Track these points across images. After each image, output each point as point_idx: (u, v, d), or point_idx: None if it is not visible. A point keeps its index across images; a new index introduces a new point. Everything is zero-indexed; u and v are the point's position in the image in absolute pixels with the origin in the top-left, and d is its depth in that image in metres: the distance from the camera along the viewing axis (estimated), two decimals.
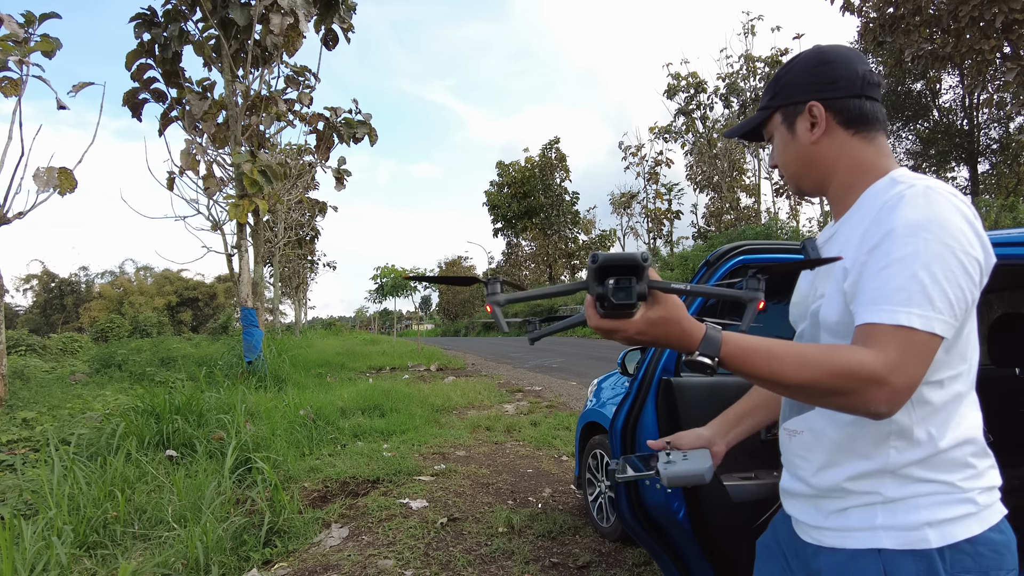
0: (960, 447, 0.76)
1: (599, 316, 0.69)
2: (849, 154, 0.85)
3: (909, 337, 0.68)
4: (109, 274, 40.24)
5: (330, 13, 9.11)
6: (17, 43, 6.25)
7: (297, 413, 5.08)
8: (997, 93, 16.79)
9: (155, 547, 2.67)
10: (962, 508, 0.75)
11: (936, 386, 0.76)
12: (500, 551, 2.72)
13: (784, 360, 0.69)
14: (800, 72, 0.88)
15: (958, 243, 0.71)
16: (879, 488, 0.77)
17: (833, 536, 0.81)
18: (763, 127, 0.94)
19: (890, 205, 0.75)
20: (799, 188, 0.92)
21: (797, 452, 0.88)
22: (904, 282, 0.70)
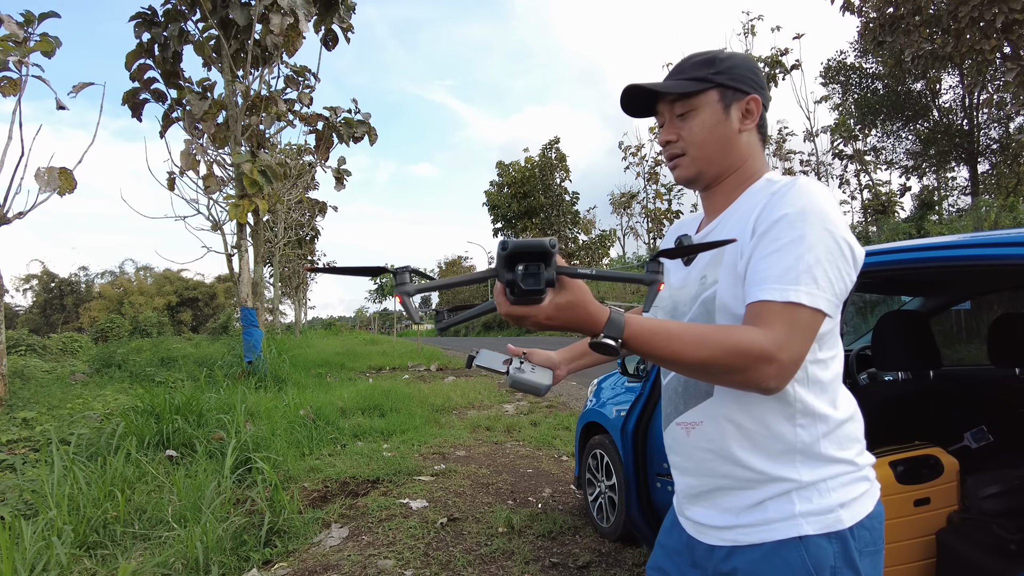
0: (851, 422, 0.84)
1: (509, 303, 0.69)
2: (753, 153, 0.92)
3: (795, 314, 0.73)
4: (109, 274, 40.25)
5: (330, 13, 9.11)
6: (17, 43, 6.25)
7: (297, 413, 5.07)
8: (997, 93, 16.79)
9: (155, 547, 2.67)
10: (862, 486, 0.82)
11: (824, 364, 0.82)
12: (500, 551, 2.72)
13: (683, 340, 0.72)
14: (743, 66, 0.91)
15: (837, 229, 0.77)
16: (791, 472, 0.80)
17: (750, 532, 0.82)
18: (688, 98, 0.90)
19: (779, 195, 0.81)
20: (701, 172, 0.92)
21: (698, 445, 0.88)
22: (792, 263, 0.75)
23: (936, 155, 20.72)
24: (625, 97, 0.93)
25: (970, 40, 11.25)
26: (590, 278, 0.72)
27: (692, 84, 0.90)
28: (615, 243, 36.66)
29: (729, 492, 0.85)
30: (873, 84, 21.83)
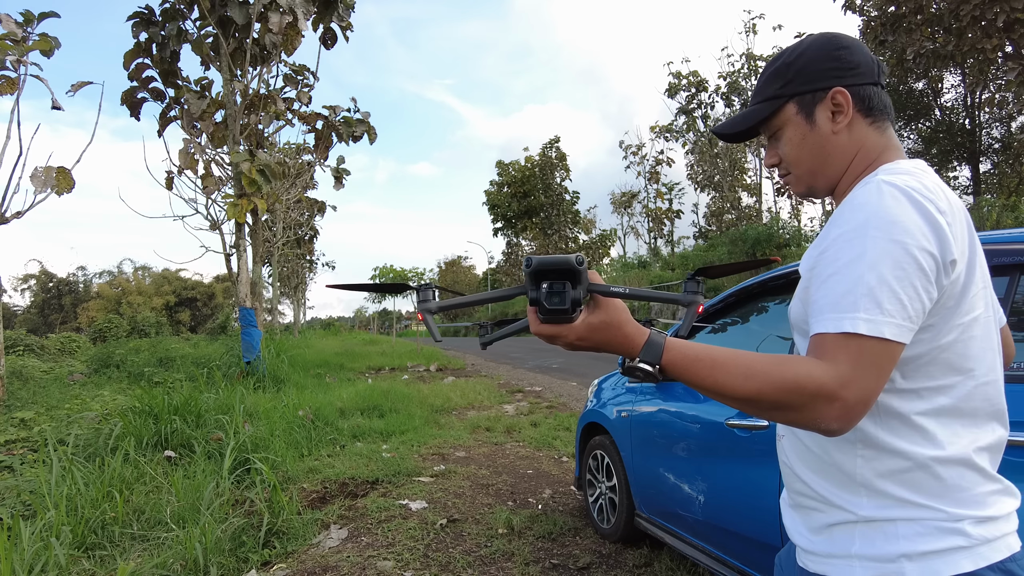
0: (946, 466, 0.69)
1: (539, 322, 0.66)
2: (865, 146, 0.80)
3: (860, 345, 0.63)
4: (107, 274, 40.24)
5: (328, 11, 9.09)
6: (15, 42, 6.23)
7: (296, 414, 5.06)
8: (999, 92, 16.78)
9: (153, 548, 2.66)
10: (948, 540, 0.67)
11: (908, 395, 0.70)
12: (500, 552, 2.71)
13: (729, 370, 0.65)
14: (816, 57, 0.80)
15: (911, 239, 0.65)
16: (854, 504, 0.72)
17: (815, 562, 0.77)
18: (767, 122, 0.84)
19: (846, 204, 0.72)
20: (811, 187, 0.85)
21: (782, 458, 0.86)
22: (850, 286, 0.65)
23: (938, 154, 20.71)
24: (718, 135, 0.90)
25: (972, 39, 11.24)
26: (624, 297, 0.69)
27: (763, 109, 0.83)
28: (616, 243, 36.66)
29: (806, 509, 0.80)
30: None
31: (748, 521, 1.89)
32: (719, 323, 2.41)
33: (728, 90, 25.75)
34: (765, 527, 1.78)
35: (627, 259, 33.32)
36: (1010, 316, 1.38)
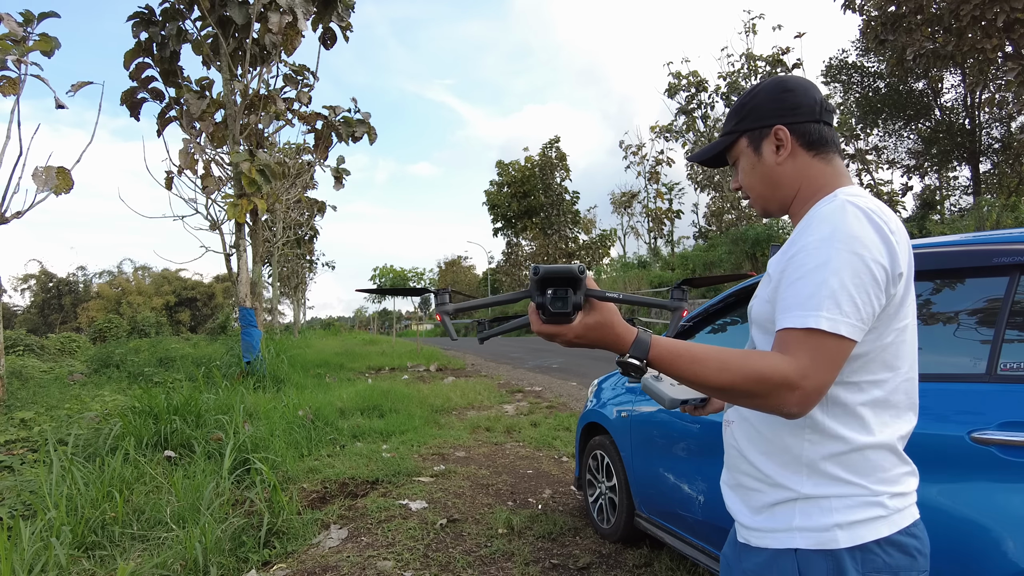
0: (875, 450, 0.82)
1: (541, 322, 0.75)
2: (809, 174, 0.91)
3: (819, 341, 0.74)
4: (107, 274, 40.23)
5: (328, 11, 9.09)
6: (16, 42, 6.23)
7: (296, 414, 5.06)
8: (999, 92, 16.78)
9: (153, 548, 2.66)
10: (871, 511, 0.81)
11: (852, 388, 0.82)
12: (500, 552, 2.71)
13: (707, 364, 0.74)
14: (764, 99, 0.94)
15: (868, 252, 0.77)
16: (797, 483, 0.83)
17: (758, 536, 0.87)
18: (728, 152, 0.99)
19: (812, 218, 0.83)
20: (765, 208, 0.98)
21: (730, 442, 0.95)
22: (815, 289, 0.76)
23: (938, 154, 20.70)
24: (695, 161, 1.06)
25: (972, 39, 11.24)
26: (618, 302, 0.77)
27: (722, 141, 0.98)
28: (615, 243, 36.66)
29: (749, 490, 0.90)
30: (875, 83, 21.82)
31: None
32: (719, 323, 2.42)
33: (728, 90, 25.75)
34: None
35: (627, 259, 33.31)
36: (1010, 316, 1.38)
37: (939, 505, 1.35)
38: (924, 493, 1.38)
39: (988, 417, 1.30)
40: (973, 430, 1.31)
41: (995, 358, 1.36)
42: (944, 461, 1.36)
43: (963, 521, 1.30)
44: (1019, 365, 1.32)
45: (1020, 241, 1.41)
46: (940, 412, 1.42)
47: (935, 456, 1.38)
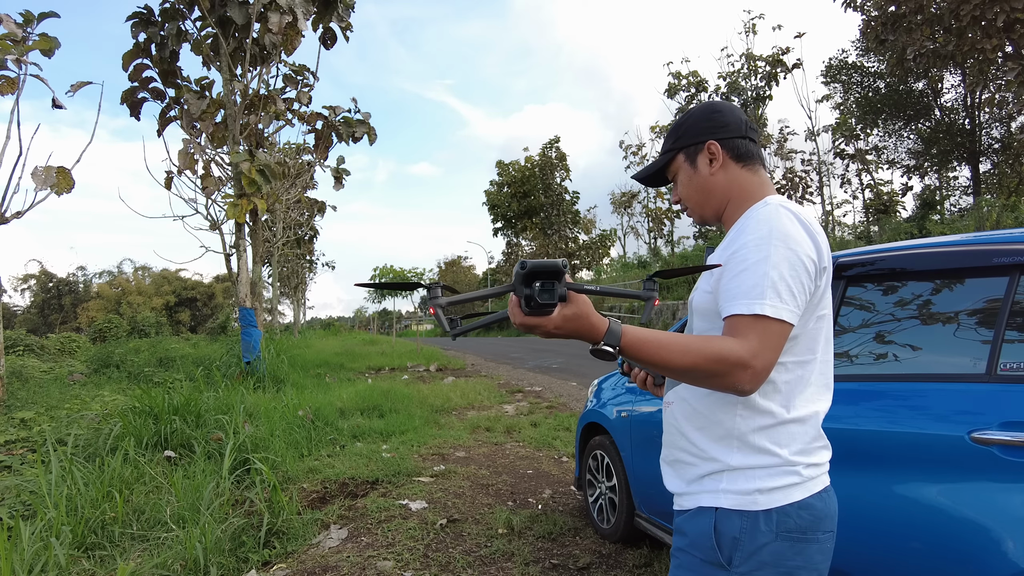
0: (797, 424, 0.93)
1: (524, 314, 0.79)
2: (739, 184, 1.03)
3: (765, 325, 0.84)
4: (107, 274, 40.20)
5: (328, 11, 9.08)
6: (15, 42, 6.23)
7: (296, 414, 5.06)
8: (999, 92, 16.77)
9: (153, 548, 2.66)
10: (788, 479, 0.91)
11: (779, 367, 0.92)
12: (500, 552, 2.71)
13: (671, 349, 0.82)
14: (697, 120, 1.06)
15: (800, 247, 0.89)
16: (727, 455, 0.93)
17: (690, 499, 0.98)
18: (667, 169, 1.10)
19: (749, 219, 0.94)
20: (702, 216, 1.08)
21: (670, 420, 1.05)
22: (758, 280, 0.86)
23: (938, 154, 20.70)
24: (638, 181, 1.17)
25: (972, 39, 11.24)
26: (595, 293, 0.85)
27: (662, 159, 1.10)
28: (616, 243, 36.64)
29: (684, 464, 1.00)
30: (875, 83, 21.82)
31: None
32: None
33: (728, 90, 25.74)
34: None
35: (627, 259, 33.31)
36: (1010, 316, 1.38)
37: (939, 505, 1.35)
38: (925, 493, 1.38)
39: (988, 417, 1.30)
40: (973, 430, 1.31)
41: (995, 358, 1.36)
42: (944, 461, 1.36)
43: (963, 521, 1.30)
44: (1019, 365, 1.32)
45: (1020, 241, 1.41)
46: (940, 412, 1.42)
47: (935, 456, 1.38)
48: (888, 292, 1.74)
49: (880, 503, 1.46)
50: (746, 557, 0.89)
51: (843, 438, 1.59)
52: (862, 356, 1.71)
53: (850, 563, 1.53)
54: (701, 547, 0.93)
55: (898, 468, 1.45)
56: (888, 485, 1.45)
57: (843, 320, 1.78)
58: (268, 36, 8.26)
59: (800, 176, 26.55)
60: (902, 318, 1.66)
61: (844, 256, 1.84)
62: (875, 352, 1.67)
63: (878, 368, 1.65)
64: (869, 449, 1.52)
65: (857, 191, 26.25)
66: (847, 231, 24.28)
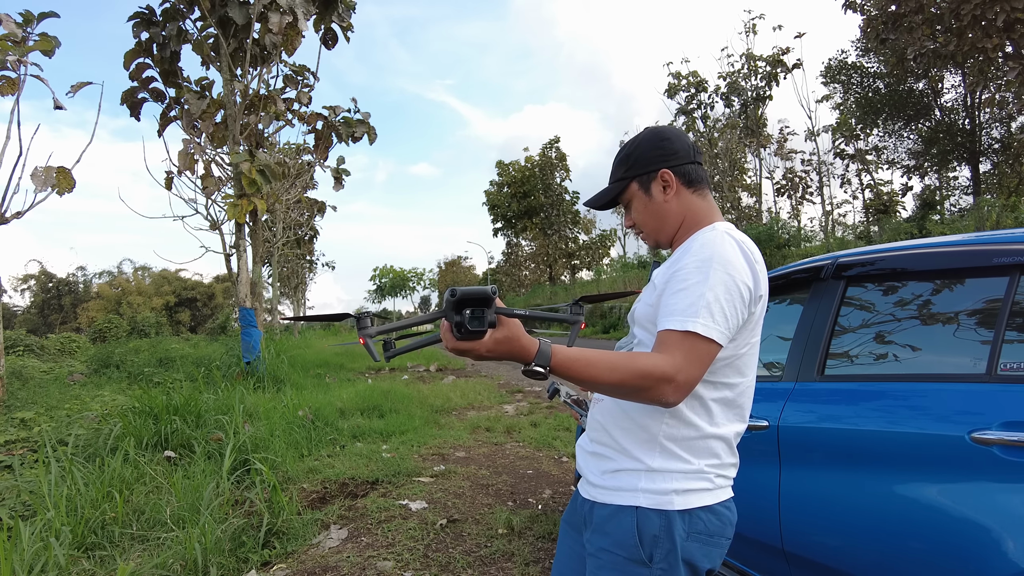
0: (717, 440, 1.00)
1: (455, 339, 0.82)
2: (691, 208, 1.08)
3: (693, 343, 0.89)
4: (107, 274, 40.21)
5: (329, 12, 9.09)
6: (15, 42, 6.23)
7: (296, 414, 5.06)
8: (999, 92, 16.77)
9: (153, 548, 2.66)
10: (701, 483, 0.98)
11: (709, 385, 0.98)
12: (500, 553, 2.71)
13: (599, 367, 0.86)
14: (647, 148, 1.09)
15: (738, 274, 0.94)
16: (648, 457, 0.99)
17: (605, 494, 1.03)
18: (619, 197, 1.14)
19: (695, 243, 1.00)
20: (657, 240, 1.13)
21: (596, 416, 1.10)
22: (694, 299, 0.91)
23: (938, 154, 20.70)
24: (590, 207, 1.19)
25: (972, 39, 11.24)
26: (523, 318, 0.89)
27: (615, 188, 1.14)
28: (616, 243, 36.64)
29: (603, 457, 1.06)
30: (874, 83, 21.82)
31: (748, 521, 1.88)
32: None
33: (728, 90, 25.74)
34: (765, 527, 1.78)
35: (627, 259, 33.30)
36: (1010, 316, 1.38)
37: (939, 505, 1.35)
38: (925, 493, 1.38)
39: (988, 417, 1.30)
40: (973, 430, 1.30)
41: (995, 358, 1.36)
42: (944, 461, 1.36)
43: (963, 521, 1.30)
44: (1019, 365, 1.32)
45: (1020, 241, 1.41)
46: (940, 412, 1.42)
47: (935, 456, 1.38)
48: (888, 292, 1.73)
49: (880, 503, 1.46)
50: (664, 555, 0.95)
51: (843, 438, 1.59)
52: (862, 356, 1.70)
53: (850, 563, 1.53)
54: (625, 545, 0.97)
55: (898, 468, 1.45)
56: (888, 485, 1.45)
57: (843, 320, 1.78)
58: (268, 36, 8.27)
59: (800, 176, 26.55)
60: (902, 318, 1.65)
61: (844, 256, 1.84)
62: (875, 352, 1.67)
63: (878, 368, 1.65)
64: (869, 449, 1.52)
65: (857, 191, 26.26)
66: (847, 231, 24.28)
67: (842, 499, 1.55)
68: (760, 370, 2.17)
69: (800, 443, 1.71)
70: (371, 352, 0.86)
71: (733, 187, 26.83)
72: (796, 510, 1.69)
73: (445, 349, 0.84)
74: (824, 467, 1.63)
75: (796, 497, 1.69)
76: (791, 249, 17.97)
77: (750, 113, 24.97)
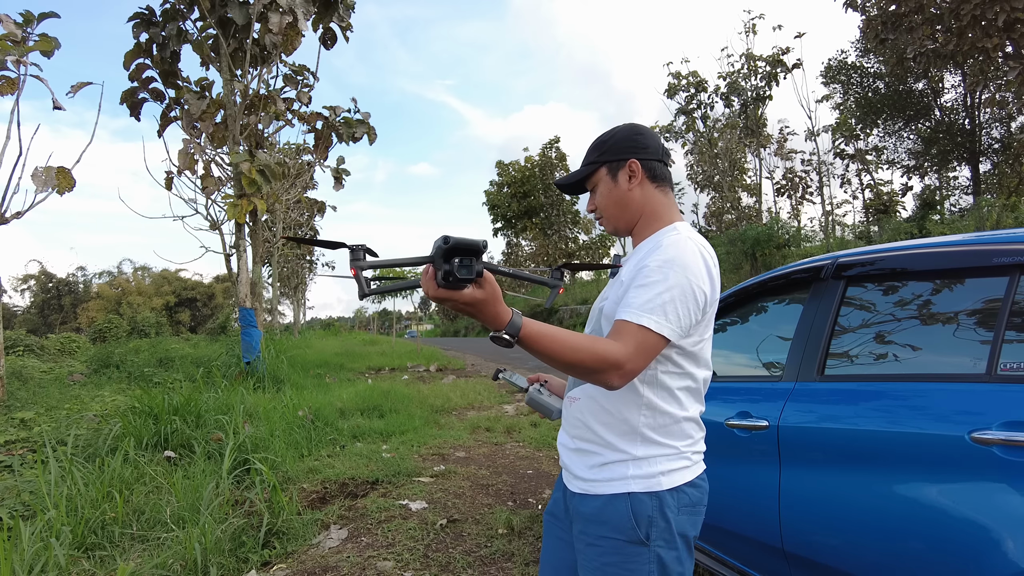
0: (687, 422, 1.11)
1: (437, 286, 0.84)
2: (652, 201, 1.17)
3: (644, 336, 0.98)
4: (107, 274, 40.19)
5: (328, 12, 9.08)
6: (15, 42, 6.23)
7: (296, 414, 5.06)
8: (999, 92, 16.76)
9: (153, 548, 2.66)
10: (681, 463, 1.10)
11: (676, 376, 1.09)
12: (500, 553, 2.71)
13: (563, 344, 0.93)
14: (621, 138, 1.17)
15: (695, 279, 1.03)
16: (631, 447, 1.08)
17: (596, 486, 1.10)
18: (587, 180, 1.21)
19: (660, 244, 1.07)
20: (615, 227, 1.21)
21: (575, 414, 1.17)
22: (652, 297, 1.00)
23: (938, 154, 20.69)
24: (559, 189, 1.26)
25: (972, 38, 11.23)
26: (506, 275, 0.95)
27: (584, 170, 1.20)
28: (616, 242, 36.62)
29: (588, 453, 1.13)
30: (874, 83, 21.81)
31: (748, 521, 1.89)
32: (719, 323, 2.41)
33: (728, 90, 25.74)
34: (765, 527, 1.78)
35: None
36: (1010, 316, 1.38)
37: (939, 505, 1.35)
38: (925, 493, 1.38)
39: (988, 417, 1.30)
40: (973, 430, 1.30)
41: (995, 358, 1.36)
42: (944, 461, 1.36)
43: (963, 521, 1.30)
44: (1019, 365, 1.32)
45: (1020, 241, 1.41)
46: (940, 412, 1.42)
47: (935, 456, 1.38)
48: (888, 292, 1.73)
49: (880, 503, 1.46)
50: (660, 532, 1.05)
51: (843, 438, 1.59)
52: (862, 356, 1.70)
53: (851, 563, 1.53)
54: (622, 529, 1.05)
55: (898, 468, 1.45)
56: (888, 485, 1.45)
57: (843, 320, 1.78)
58: (268, 36, 8.26)
59: (800, 176, 26.54)
60: (902, 318, 1.65)
61: (844, 256, 1.84)
62: (875, 352, 1.67)
63: (878, 368, 1.65)
64: (869, 449, 1.52)
65: (857, 191, 26.26)
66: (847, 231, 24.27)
67: (842, 499, 1.55)
68: (760, 370, 2.17)
69: (800, 443, 1.71)
70: (360, 283, 0.87)
71: (733, 187, 26.82)
72: (796, 510, 1.69)
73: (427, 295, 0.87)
74: (824, 467, 1.63)
75: (796, 497, 1.69)
76: (791, 249, 17.97)
77: (750, 113, 24.97)
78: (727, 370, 2.29)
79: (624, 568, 1.05)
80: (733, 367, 2.30)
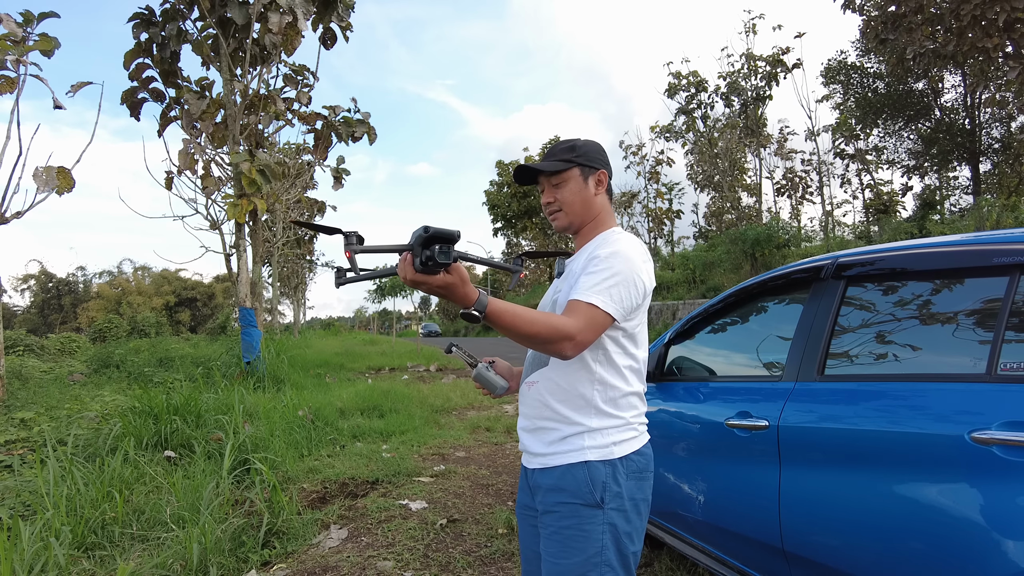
0: (631, 396, 1.27)
1: (414, 271, 0.96)
2: (604, 208, 1.36)
3: (593, 312, 1.14)
4: (107, 274, 40.24)
5: (328, 12, 9.08)
6: (15, 42, 6.23)
7: (296, 414, 5.06)
8: (999, 92, 16.76)
9: (153, 548, 2.66)
10: (630, 433, 1.25)
11: (622, 355, 1.25)
12: (500, 552, 2.71)
13: (524, 319, 1.07)
14: (592, 150, 1.34)
15: (636, 268, 1.21)
16: (586, 420, 1.22)
17: (554, 458, 1.23)
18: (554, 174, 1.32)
19: (607, 240, 1.28)
20: (570, 222, 1.34)
21: (534, 396, 1.30)
22: (600, 280, 1.17)
23: (938, 154, 20.69)
24: (516, 173, 1.35)
25: (972, 38, 11.23)
26: (474, 261, 1.16)
27: (562, 164, 1.32)
28: None
29: (547, 430, 1.26)
30: (874, 83, 21.81)
31: (748, 521, 1.88)
32: (719, 323, 2.41)
33: (728, 90, 25.74)
34: (765, 527, 1.78)
35: None
36: (1010, 316, 1.38)
37: (939, 505, 1.35)
38: (925, 493, 1.38)
39: (988, 417, 1.30)
40: (973, 430, 1.30)
41: (995, 358, 1.35)
42: (944, 461, 1.36)
43: (963, 521, 1.30)
44: (1019, 365, 1.32)
45: (1020, 241, 1.41)
46: (940, 412, 1.42)
47: (935, 456, 1.38)
48: (888, 292, 1.73)
49: (880, 503, 1.46)
50: (613, 496, 1.19)
51: (843, 438, 1.59)
52: (862, 356, 1.70)
53: (851, 563, 1.53)
54: (580, 494, 1.18)
55: (898, 468, 1.45)
56: (888, 485, 1.45)
57: (843, 320, 1.78)
58: (268, 36, 8.26)
59: (800, 176, 26.54)
60: (902, 318, 1.65)
61: (844, 256, 1.84)
62: (875, 352, 1.67)
63: (878, 368, 1.65)
64: (869, 449, 1.52)
65: (857, 191, 26.27)
66: (847, 231, 24.27)
67: (842, 499, 1.55)
68: (760, 370, 2.17)
69: (800, 443, 1.70)
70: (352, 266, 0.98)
71: (733, 187, 26.81)
72: (796, 510, 1.69)
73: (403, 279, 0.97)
74: (824, 467, 1.62)
75: (796, 497, 1.69)
76: (791, 249, 17.97)
77: (750, 113, 24.97)
78: (727, 370, 2.28)
79: (580, 530, 1.18)
80: (733, 367, 2.30)
